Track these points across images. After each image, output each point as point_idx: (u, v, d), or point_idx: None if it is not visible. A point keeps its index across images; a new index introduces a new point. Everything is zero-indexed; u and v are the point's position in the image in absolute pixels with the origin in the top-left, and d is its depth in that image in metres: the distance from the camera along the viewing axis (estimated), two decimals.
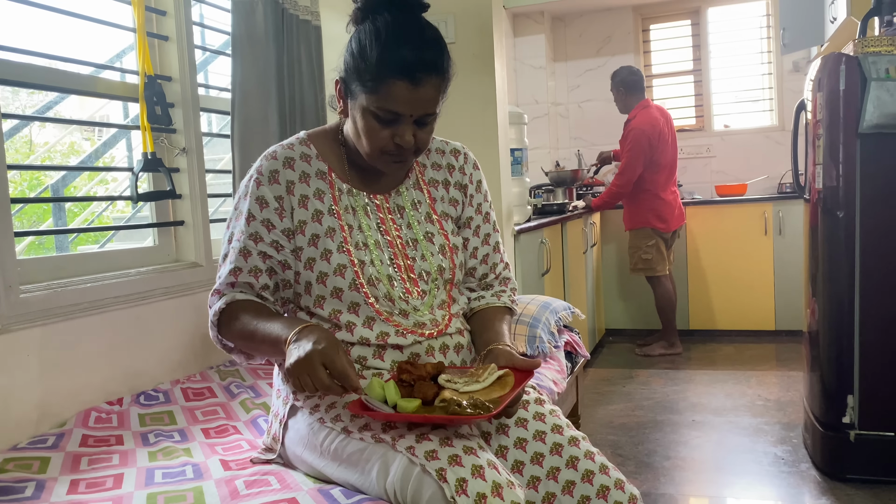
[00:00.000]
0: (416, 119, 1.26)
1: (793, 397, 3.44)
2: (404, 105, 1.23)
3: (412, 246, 1.39)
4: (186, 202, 2.23)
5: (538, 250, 3.32)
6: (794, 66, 5.13)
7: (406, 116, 1.24)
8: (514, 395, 1.18)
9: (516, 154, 3.32)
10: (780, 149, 5.08)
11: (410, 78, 1.21)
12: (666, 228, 4.37)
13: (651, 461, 2.77)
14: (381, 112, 1.24)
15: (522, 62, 5.44)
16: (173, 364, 2.10)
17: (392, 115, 1.24)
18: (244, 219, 1.34)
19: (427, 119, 1.28)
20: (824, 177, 2.49)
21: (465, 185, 1.49)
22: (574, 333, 2.57)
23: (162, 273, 2.09)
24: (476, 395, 1.17)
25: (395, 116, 1.24)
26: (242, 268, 1.33)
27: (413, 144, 1.27)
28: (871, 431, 2.42)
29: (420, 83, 1.22)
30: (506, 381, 1.23)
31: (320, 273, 1.32)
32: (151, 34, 2.15)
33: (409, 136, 1.26)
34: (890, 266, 2.38)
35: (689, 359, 4.38)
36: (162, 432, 1.68)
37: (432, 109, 1.27)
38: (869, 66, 2.33)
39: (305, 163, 1.37)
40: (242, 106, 2.32)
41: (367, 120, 1.26)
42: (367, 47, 1.23)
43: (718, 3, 5.35)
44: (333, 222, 1.35)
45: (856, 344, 2.43)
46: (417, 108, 1.24)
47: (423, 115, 1.26)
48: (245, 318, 1.29)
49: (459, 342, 1.41)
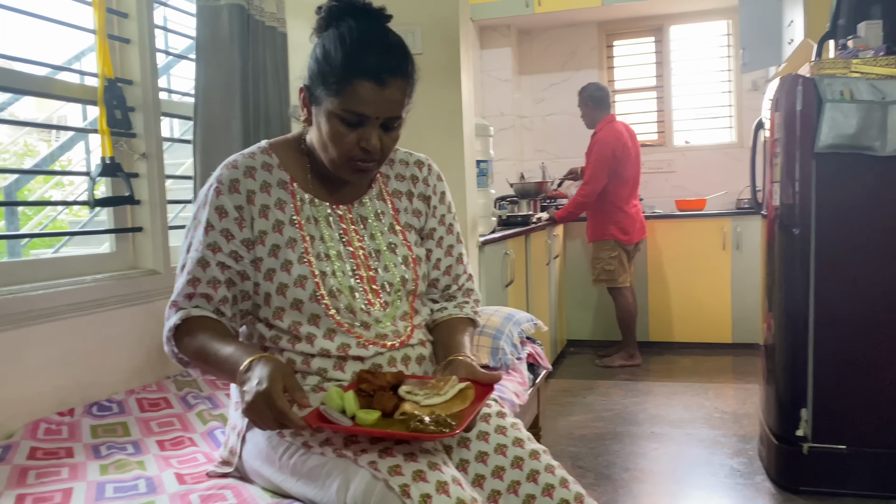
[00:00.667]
0: (382, 122, 1.26)
1: (749, 410, 3.50)
2: (370, 106, 1.23)
3: (375, 257, 1.38)
4: (145, 208, 2.19)
5: (502, 261, 3.34)
6: (753, 85, 5.25)
7: (372, 118, 1.24)
8: (476, 412, 1.17)
9: (482, 166, 3.33)
10: (739, 165, 5.19)
11: (376, 79, 1.22)
12: (628, 241, 4.44)
13: (610, 473, 2.79)
14: (347, 114, 1.24)
15: (489, 74, 5.48)
16: (128, 374, 2.05)
17: (358, 117, 1.24)
18: (202, 228, 1.31)
19: (393, 123, 1.28)
20: (781, 194, 2.55)
21: (429, 197, 1.49)
22: (537, 345, 2.58)
23: (118, 280, 2.04)
24: (437, 409, 1.16)
25: (360, 118, 1.24)
26: (201, 278, 1.30)
27: (379, 149, 1.27)
28: (823, 444, 2.47)
29: (385, 84, 1.23)
30: (466, 394, 1.22)
31: (280, 284, 1.30)
32: (112, 37, 2.11)
33: (375, 140, 1.25)
34: (843, 282, 2.44)
35: (648, 370, 4.43)
36: (114, 444, 1.64)
37: (398, 112, 1.27)
38: (824, 88, 2.39)
39: (267, 172, 1.36)
40: (205, 111, 2.29)
41: (333, 124, 1.25)
42: (332, 51, 1.25)
43: (681, 21, 5.46)
44: (294, 232, 1.33)
45: (810, 358, 2.48)
46: (383, 109, 1.24)
47: (388, 118, 1.26)
48: (201, 337, 1.26)
49: (422, 353, 1.41)
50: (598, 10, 5.14)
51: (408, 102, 1.30)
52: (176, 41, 2.90)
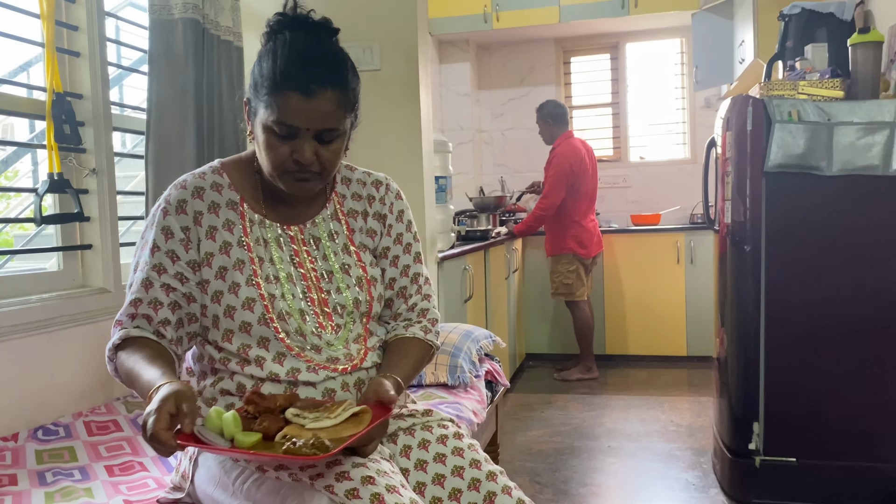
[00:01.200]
0: (315, 135, 1.23)
1: (703, 423, 3.56)
2: (298, 117, 1.20)
3: (327, 278, 1.35)
4: (95, 225, 2.13)
5: (461, 277, 3.34)
6: (706, 103, 5.38)
7: (303, 130, 1.21)
8: (357, 437, 1.09)
9: (440, 182, 3.34)
10: (693, 181, 5.30)
11: (303, 90, 1.19)
12: (586, 254, 4.50)
13: (568, 488, 2.80)
14: (278, 126, 1.21)
15: (448, 89, 5.50)
16: (76, 396, 1.99)
17: (288, 129, 1.21)
18: (149, 249, 1.29)
19: (328, 136, 1.24)
20: (732, 212, 2.60)
21: (385, 216, 1.45)
22: (495, 362, 2.58)
23: (66, 299, 1.98)
24: (323, 433, 1.09)
25: (291, 130, 1.21)
26: (143, 299, 1.27)
27: (314, 161, 1.24)
28: (775, 457, 2.52)
29: (313, 95, 1.20)
30: (361, 418, 1.15)
31: (228, 306, 1.28)
32: (62, 49, 2.06)
33: (308, 153, 1.22)
34: (793, 298, 2.50)
35: (605, 384, 4.47)
36: (61, 470, 1.58)
37: (332, 125, 1.24)
38: (773, 109, 2.46)
39: (216, 192, 1.33)
40: (158, 126, 2.25)
41: (266, 136, 1.24)
42: (265, 64, 1.24)
43: (636, 39, 5.57)
44: (243, 254, 1.30)
45: (761, 372, 2.53)
46: (313, 121, 1.21)
47: (321, 130, 1.23)
48: (133, 358, 1.22)
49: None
50: (555, 27, 5.21)
51: (348, 115, 1.27)
52: (129, 54, 2.84)
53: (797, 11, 2.99)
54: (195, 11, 2.32)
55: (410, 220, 1.50)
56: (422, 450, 1.32)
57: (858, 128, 2.39)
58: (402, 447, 1.32)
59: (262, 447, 1.08)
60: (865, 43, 2.53)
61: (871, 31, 2.54)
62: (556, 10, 4.95)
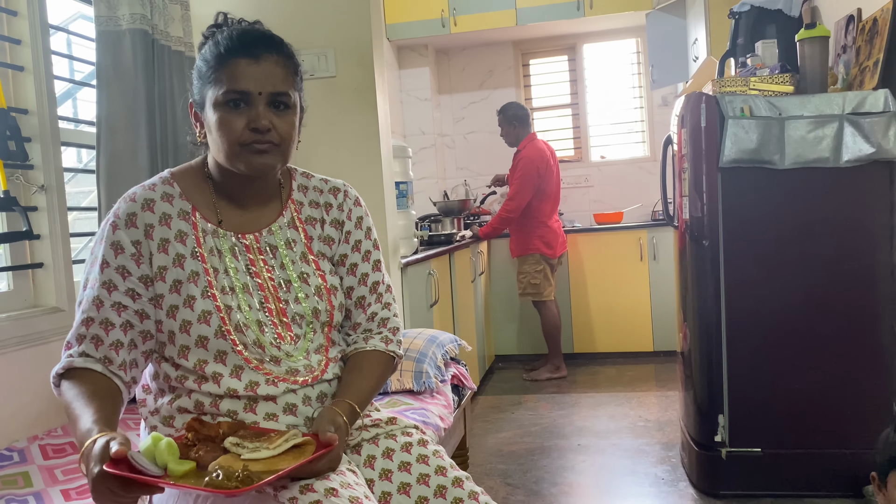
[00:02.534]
0: (269, 101, 1.24)
1: (671, 417, 3.59)
2: (249, 81, 1.22)
3: (285, 288, 1.32)
4: (46, 243, 2.08)
5: (426, 282, 3.33)
6: (663, 101, 5.45)
7: (254, 94, 1.22)
8: (287, 471, 1.05)
9: (401, 187, 3.33)
10: (653, 178, 5.36)
11: (249, 54, 1.23)
12: (552, 254, 4.53)
13: (539, 489, 2.80)
14: (230, 95, 1.22)
15: (408, 94, 5.50)
16: (31, 418, 1.93)
17: (240, 95, 1.22)
18: (98, 265, 1.25)
19: (280, 99, 1.25)
20: (690, 208, 2.64)
21: (342, 222, 1.42)
22: (461, 366, 2.58)
23: (17, 320, 1.93)
24: (259, 464, 1.06)
25: (243, 96, 1.22)
26: (94, 318, 1.23)
27: (270, 129, 1.23)
28: (740, 448, 2.55)
29: (260, 58, 1.23)
30: (304, 449, 1.12)
31: (183, 321, 1.24)
32: (4, 64, 2.01)
33: (264, 119, 1.23)
34: (751, 291, 2.54)
35: (574, 382, 4.49)
36: (15, 497, 1.53)
37: (283, 88, 1.25)
38: (726, 105, 2.49)
39: (167, 203, 1.30)
40: (109, 140, 2.20)
41: (220, 112, 1.23)
42: (207, 52, 1.27)
43: (593, 40, 5.62)
44: (197, 266, 1.27)
45: (724, 365, 2.57)
46: (264, 83, 1.23)
47: (273, 94, 1.24)
48: (72, 393, 1.19)
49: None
50: (513, 30, 5.24)
51: (296, 86, 1.29)
52: (82, 67, 2.78)
53: (746, 9, 3.05)
54: (143, 22, 2.28)
55: (370, 226, 1.48)
56: (386, 459, 1.31)
57: (808, 121, 2.44)
58: (366, 457, 1.31)
59: (193, 476, 1.05)
60: (812, 38, 2.58)
61: (818, 27, 2.60)
62: (513, 13, 4.98)
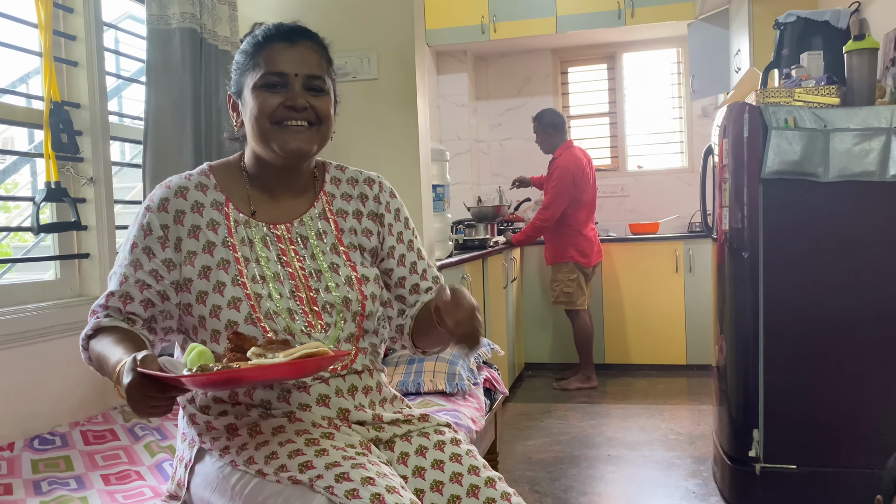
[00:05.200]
0: (304, 83, 1.29)
1: (703, 431, 3.55)
2: (286, 64, 1.28)
3: (315, 277, 1.35)
4: (92, 234, 2.13)
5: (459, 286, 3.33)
6: (703, 112, 5.39)
7: (291, 76, 1.28)
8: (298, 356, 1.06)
9: (438, 190, 3.34)
10: (690, 189, 5.31)
11: (285, 38, 1.30)
12: (587, 263, 4.50)
13: (568, 497, 2.78)
14: (268, 78, 1.28)
15: (446, 99, 5.52)
16: (73, 405, 1.98)
17: (277, 78, 1.28)
18: (129, 245, 1.32)
19: (316, 83, 1.30)
20: (730, 219, 2.61)
21: (382, 215, 1.46)
22: (493, 370, 2.58)
23: (63, 308, 1.98)
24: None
25: (281, 78, 1.28)
26: (115, 292, 1.29)
27: (307, 107, 1.29)
28: (775, 464, 2.51)
29: (296, 43, 1.30)
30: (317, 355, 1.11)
31: (213, 306, 1.28)
32: (59, 59, 2.07)
33: (300, 99, 1.28)
34: (791, 305, 2.50)
35: (604, 393, 4.46)
36: (57, 480, 1.57)
37: (317, 72, 1.31)
38: (770, 116, 2.46)
39: (201, 192, 1.35)
40: (155, 135, 2.25)
41: (258, 96, 1.29)
42: (245, 44, 1.34)
43: (632, 49, 5.59)
44: (227, 254, 1.31)
45: (760, 380, 2.53)
46: (300, 65, 1.29)
47: (309, 77, 1.29)
48: (101, 343, 1.23)
49: (368, 385, 1.37)
50: (552, 38, 5.23)
51: (331, 73, 1.35)
52: (128, 64, 2.85)
53: (792, 20, 3.01)
54: (193, 21, 2.33)
55: (407, 216, 1.52)
56: (419, 456, 1.31)
57: (855, 134, 2.40)
58: (399, 454, 1.32)
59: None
60: (861, 50, 2.54)
61: (867, 39, 2.56)
62: (553, 21, 4.98)
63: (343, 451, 1.19)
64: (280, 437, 1.22)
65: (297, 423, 1.26)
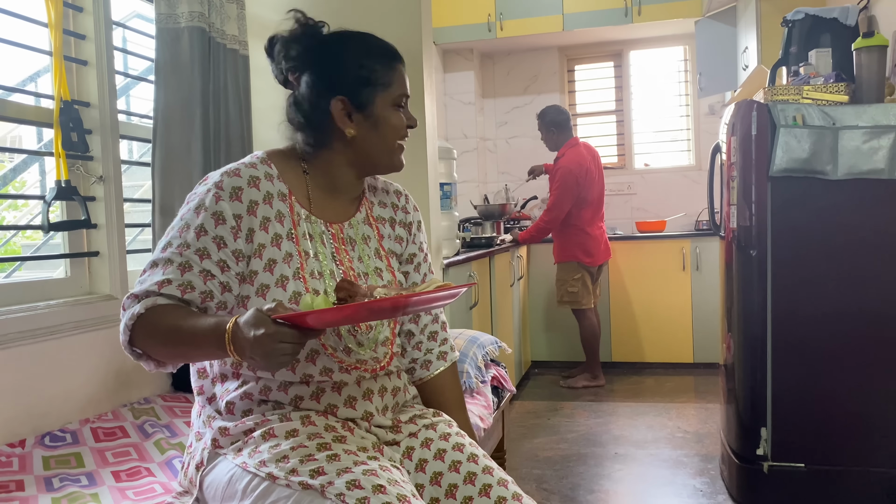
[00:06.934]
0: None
1: (710, 429, 3.54)
2: (406, 85, 1.38)
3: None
4: (102, 232, 2.14)
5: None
6: (710, 109, 5.38)
7: (406, 97, 1.37)
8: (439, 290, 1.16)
9: (445, 188, 3.34)
10: (697, 187, 5.30)
11: (400, 60, 1.38)
12: (592, 262, 4.48)
13: (575, 495, 2.79)
14: (400, 100, 1.35)
15: (452, 97, 5.52)
16: (83, 402, 1.99)
17: (403, 99, 1.37)
18: (193, 232, 1.24)
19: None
20: (738, 216, 2.60)
21: (410, 224, 1.53)
22: (501, 368, 2.58)
23: (73, 306, 1.99)
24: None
25: (404, 99, 1.37)
26: (173, 280, 1.22)
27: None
28: (783, 463, 2.51)
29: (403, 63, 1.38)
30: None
31: (274, 301, 1.24)
32: (69, 58, 2.08)
33: (412, 116, 1.38)
34: (799, 303, 2.50)
35: (611, 391, 4.45)
36: (68, 476, 1.58)
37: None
38: (778, 114, 2.46)
39: (269, 182, 1.32)
40: (164, 134, 2.26)
41: (395, 114, 1.35)
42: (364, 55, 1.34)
43: (639, 46, 5.58)
44: (291, 247, 1.30)
45: (768, 378, 2.52)
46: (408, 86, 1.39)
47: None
48: (172, 316, 1.18)
49: (397, 386, 1.41)
50: (559, 35, 5.23)
51: None
52: (136, 63, 2.86)
53: (801, 17, 3.00)
54: (201, 20, 2.34)
55: (423, 229, 1.59)
56: (438, 461, 1.34)
57: (864, 132, 2.39)
58: (405, 448, 1.34)
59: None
60: (870, 47, 2.53)
61: (876, 36, 2.55)
62: (559, 19, 4.97)
63: (355, 456, 1.19)
64: (292, 441, 1.22)
65: (310, 426, 1.26)
